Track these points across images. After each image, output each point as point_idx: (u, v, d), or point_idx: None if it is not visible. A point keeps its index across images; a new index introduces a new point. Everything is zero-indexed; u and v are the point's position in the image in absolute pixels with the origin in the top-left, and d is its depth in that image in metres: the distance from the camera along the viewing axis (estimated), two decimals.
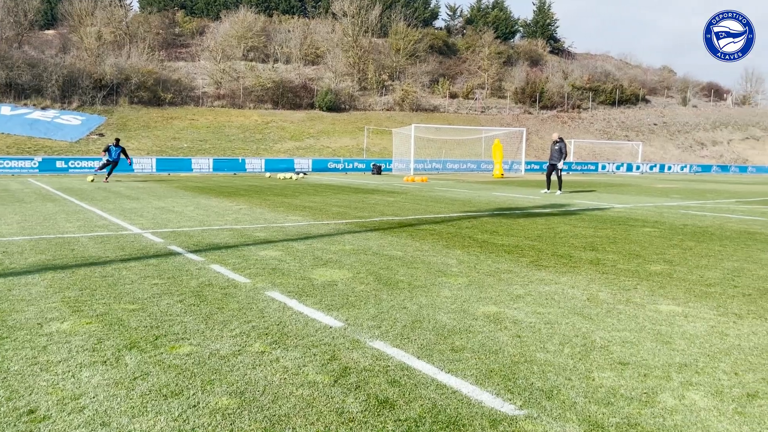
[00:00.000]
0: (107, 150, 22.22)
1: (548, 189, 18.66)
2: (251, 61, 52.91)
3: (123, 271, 5.78)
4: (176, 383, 3.10)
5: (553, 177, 18.73)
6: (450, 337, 3.91)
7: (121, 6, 52.55)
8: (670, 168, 49.34)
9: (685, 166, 50.49)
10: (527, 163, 41.13)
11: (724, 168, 52.71)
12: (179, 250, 7.05)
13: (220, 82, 48.18)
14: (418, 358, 3.51)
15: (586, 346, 3.77)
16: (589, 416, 2.77)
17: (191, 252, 6.90)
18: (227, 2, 60.17)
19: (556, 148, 18.24)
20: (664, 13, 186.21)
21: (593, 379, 3.21)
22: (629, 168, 46.79)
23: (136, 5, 61.10)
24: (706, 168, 51.68)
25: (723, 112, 69.75)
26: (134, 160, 28.29)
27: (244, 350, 3.61)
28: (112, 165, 22.25)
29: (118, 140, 22.79)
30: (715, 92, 75.32)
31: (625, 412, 2.82)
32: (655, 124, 62.80)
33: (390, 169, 36.09)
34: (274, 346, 3.70)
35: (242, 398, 2.93)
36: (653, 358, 3.56)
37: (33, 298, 4.72)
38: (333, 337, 3.87)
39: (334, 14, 56.83)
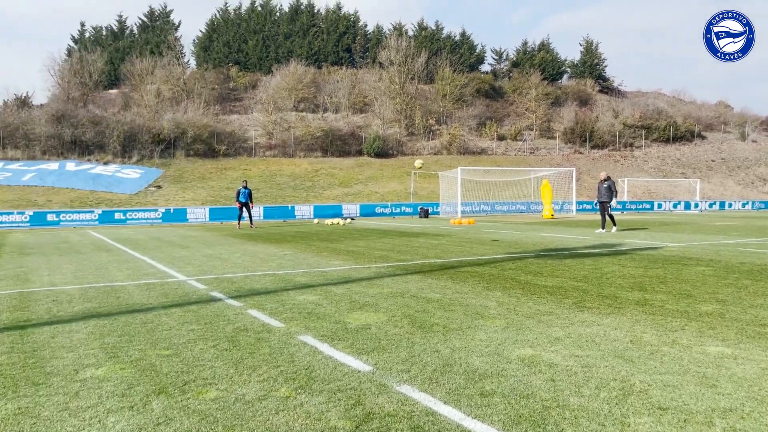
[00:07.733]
0: (237, 194, 23.07)
1: (603, 228, 18.34)
2: (301, 111, 54.49)
3: (163, 318, 5.89)
4: (197, 429, 3.09)
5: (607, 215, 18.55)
6: (481, 381, 3.79)
7: (179, 64, 55.41)
8: (730, 205, 47.41)
9: (747, 203, 48.42)
10: (578, 203, 40.31)
11: None
12: (220, 296, 7.15)
13: (272, 133, 49.67)
14: (445, 403, 3.40)
15: (624, 390, 3.58)
16: None
17: (231, 297, 6.99)
18: (279, 57, 62.55)
19: (605, 186, 18.39)
20: None
21: (629, 425, 3.03)
22: (687, 206, 45.21)
23: (193, 63, 64.26)
24: None
25: None
26: (189, 211, 29.32)
27: (270, 395, 3.59)
28: (245, 209, 22.90)
29: (245, 182, 23.85)
30: None
31: None
32: (713, 161, 60.83)
33: (437, 213, 36.01)
34: (299, 390, 3.66)
35: None
36: (696, 403, 3.34)
37: (73, 345, 4.85)
38: (360, 382, 3.81)
39: (380, 63, 58.14)
